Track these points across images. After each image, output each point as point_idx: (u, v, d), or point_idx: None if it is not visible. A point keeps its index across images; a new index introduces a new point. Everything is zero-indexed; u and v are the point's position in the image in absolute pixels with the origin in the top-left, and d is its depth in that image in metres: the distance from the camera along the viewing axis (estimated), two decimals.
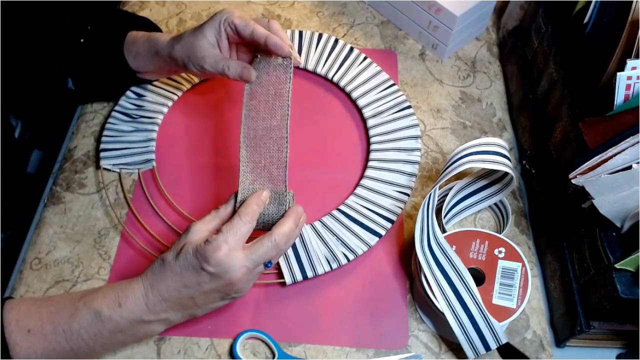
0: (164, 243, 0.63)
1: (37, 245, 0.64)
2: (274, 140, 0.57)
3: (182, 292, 0.50)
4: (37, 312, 0.48)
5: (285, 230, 0.52)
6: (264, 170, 0.57)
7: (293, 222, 0.53)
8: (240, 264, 0.49)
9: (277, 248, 0.51)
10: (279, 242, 0.51)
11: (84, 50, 0.67)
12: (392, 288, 0.62)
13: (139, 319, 0.50)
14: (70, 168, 0.70)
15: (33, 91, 0.71)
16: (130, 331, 0.50)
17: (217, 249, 0.48)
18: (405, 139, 0.71)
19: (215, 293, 0.51)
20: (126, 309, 0.49)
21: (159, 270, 0.50)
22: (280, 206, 0.55)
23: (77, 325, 0.48)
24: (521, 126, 0.74)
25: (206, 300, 0.51)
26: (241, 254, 0.50)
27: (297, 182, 0.69)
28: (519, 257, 0.57)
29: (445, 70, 0.80)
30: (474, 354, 0.54)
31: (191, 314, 0.53)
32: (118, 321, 0.49)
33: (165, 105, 0.74)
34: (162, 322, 0.51)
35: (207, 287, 0.50)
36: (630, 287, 0.50)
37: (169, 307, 0.50)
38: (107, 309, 0.49)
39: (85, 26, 0.67)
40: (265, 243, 0.51)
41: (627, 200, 0.49)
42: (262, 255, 0.51)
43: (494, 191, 0.65)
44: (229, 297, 0.52)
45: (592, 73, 0.57)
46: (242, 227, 0.50)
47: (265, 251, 0.51)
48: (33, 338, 0.47)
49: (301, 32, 0.81)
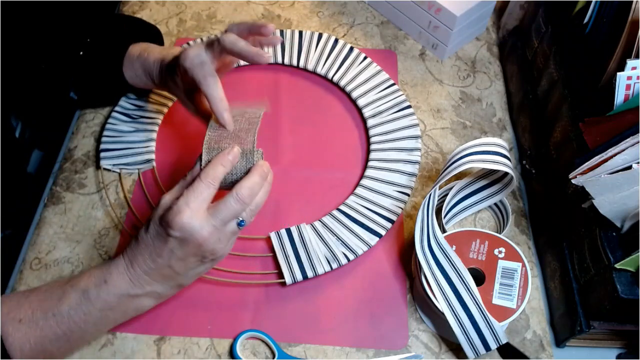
0: None
1: (37, 245, 0.64)
2: (246, 118, 0.55)
3: (158, 262, 0.49)
4: (26, 301, 0.49)
5: (248, 184, 0.50)
6: (232, 134, 0.54)
7: (257, 176, 0.51)
8: (205, 223, 0.48)
9: (241, 202, 0.49)
10: (242, 196, 0.49)
11: (84, 63, 0.67)
12: (392, 288, 0.62)
13: (126, 293, 0.50)
14: (70, 168, 0.70)
15: (35, 99, 0.71)
16: (119, 308, 0.50)
17: (178, 212, 0.47)
18: (405, 138, 0.71)
19: (191, 257, 0.50)
20: (112, 284, 0.49)
21: (134, 244, 0.50)
22: (247, 164, 0.52)
23: (67, 307, 0.48)
24: (521, 126, 0.74)
25: (185, 266, 0.50)
26: (204, 214, 0.49)
27: (297, 182, 0.69)
28: (519, 257, 0.57)
29: (445, 70, 0.80)
30: (474, 354, 0.54)
31: (178, 283, 0.52)
32: (105, 298, 0.49)
33: (165, 105, 0.74)
34: (149, 295, 0.51)
35: (180, 253, 0.49)
36: (630, 287, 0.50)
37: (152, 279, 0.50)
38: (93, 287, 0.49)
39: (84, 38, 0.68)
40: (227, 199, 0.49)
41: (627, 200, 0.49)
42: (226, 212, 0.49)
43: (494, 191, 0.65)
44: (208, 260, 0.51)
45: (592, 73, 0.57)
46: (204, 189, 0.49)
47: (229, 206, 0.49)
48: (25, 327, 0.47)
49: (301, 32, 0.81)
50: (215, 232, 0.49)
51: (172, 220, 0.48)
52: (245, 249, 0.64)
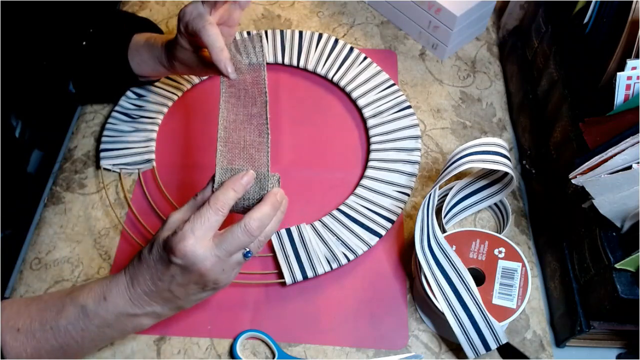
0: None
1: (37, 245, 0.64)
2: (255, 126, 0.53)
3: (159, 286, 0.48)
4: (26, 310, 0.48)
5: (257, 215, 0.47)
6: (243, 151, 0.52)
7: (269, 206, 0.48)
8: (208, 253, 0.46)
9: (249, 234, 0.47)
10: (250, 228, 0.47)
11: (86, 53, 0.67)
12: (392, 288, 0.62)
13: (125, 312, 0.49)
14: (70, 168, 0.70)
15: (34, 93, 0.71)
16: (117, 326, 0.49)
17: (182, 239, 0.46)
18: (405, 139, 0.71)
19: (192, 285, 0.49)
20: (111, 302, 0.48)
21: (137, 263, 0.49)
22: (261, 190, 0.50)
23: (64, 322, 0.47)
24: (521, 126, 0.74)
25: (185, 292, 0.49)
26: (209, 243, 0.47)
27: (297, 182, 0.69)
28: (519, 257, 0.57)
29: (445, 70, 0.80)
30: (474, 354, 0.54)
31: (178, 306, 0.51)
32: (104, 316, 0.48)
33: (165, 105, 0.74)
34: (149, 315, 0.50)
35: (181, 280, 0.48)
36: (630, 287, 0.50)
37: (151, 300, 0.49)
38: (92, 303, 0.48)
39: (87, 29, 0.67)
40: (234, 229, 0.47)
41: (627, 200, 0.49)
42: (232, 243, 0.47)
43: (494, 191, 0.65)
44: (209, 289, 0.49)
45: (592, 73, 0.57)
46: (211, 215, 0.47)
47: (236, 238, 0.47)
48: (22, 337, 0.47)
49: (301, 32, 0.81)
50: (219, 262, 0.47)
51: (176, 246, 0.46)
52: None
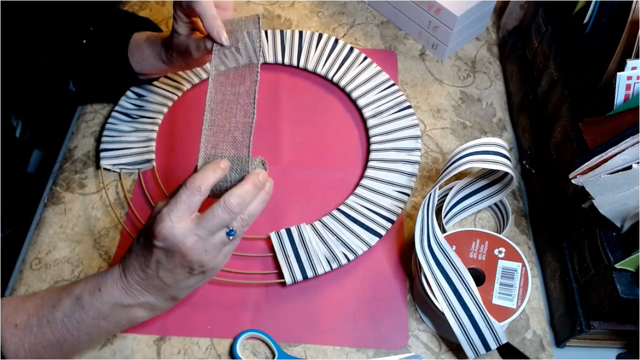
0: None
1: (37, 245, 0.64)
2: (242, 105, 0.53)
3: (148, 273, 0.48)
4: (24, 306, 0.48)
5: (237, 191, 0.47)
6: (228, 135, 0.52)
7: (250, 184, 0.48)
8: (188, 232, 0.46)
9: (229, 211, 0.47)
10: (229, 204, 0.47)
11: (86, 52, 0.67)
12: (392, 288, 0.62)
13: (119, 302, 0.49)
14: (70, 168, 0.70)
15: (34, 92, 0.71)
16: (112, 317, 0.49)
17: (160, 221, 0.46)
18: (405, 139, 0.71)
19: (179, 269, 0.48)
20: (106, 293, 0.49)
21: (128, 254, 0.50)
22: (242, 172, 0.50)
23: (61, 314, 0.48)
24: (521, 126, 0.74)
25: (174, 278, 0.49)
26: (188, 223, 0.47)
27: (297, 182, 0.69)
28: (519, 257, 0.57)
29: (445, 70, 0.80)
30: (474, 354, 0.54)
31: (170, 295, 0.51)
32: (99, 307, 0.49)
33: (165, 105, 0.74)
34: (142, 306, 0.50)
35: (167, 264, 0.48)
36: (630, 287, 0.50)
37: (144, 290, 0.49)
38: (87, 295, 0.48)
39: (87, 27, 0.67)
40: (214, 207, 0.47)
41: (627, 200, 0.49)
42: (212, 221, 0.47)
43: (494, 191, 0.65)
44: (197, 272, 0.49)
45: (592, 73, 0.57)
46: (188, 196, 0.47)
47: (216, 215, 0.47)
48: (20, 332, 0.47)
49: (301, 32, 0.81)
50: (199, 242, 0.47)
51: (155, 229, 0.46)
52: (245, 249, 0.64)
